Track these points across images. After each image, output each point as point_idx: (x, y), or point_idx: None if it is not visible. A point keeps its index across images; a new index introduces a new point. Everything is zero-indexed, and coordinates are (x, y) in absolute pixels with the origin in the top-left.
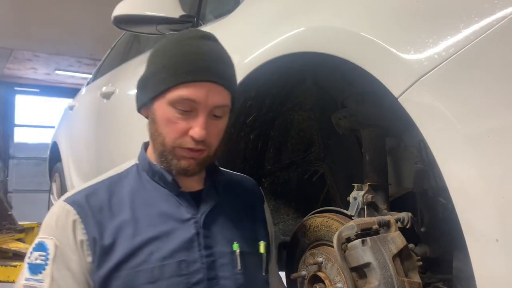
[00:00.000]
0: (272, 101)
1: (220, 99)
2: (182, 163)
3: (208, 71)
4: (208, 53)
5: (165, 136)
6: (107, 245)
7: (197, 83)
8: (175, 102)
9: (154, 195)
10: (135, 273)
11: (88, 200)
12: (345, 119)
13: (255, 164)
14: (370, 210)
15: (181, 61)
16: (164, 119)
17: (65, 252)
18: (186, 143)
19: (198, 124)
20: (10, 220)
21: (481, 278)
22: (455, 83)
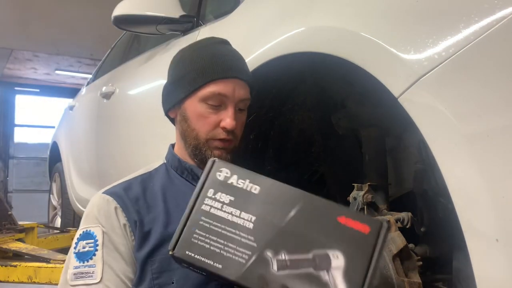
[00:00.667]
0: (272, 101)
1: (244, 93)
2: (215, 153)
3: (232, 68)
4: (229, 54)
5: (198, 130)
6: (145, 232)
7: (225, 80)
8: (207, 98)
9: (183, 190)
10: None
11: (126, 192)
12: (345, 119)
13: (255, 164)
14: (370, 210)
15: (208, 63)
16: (196, 115)
17: (112, 237)
18: (218, 134)
19: (228, 115)
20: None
21: (481, 278)
22: (455, 83)
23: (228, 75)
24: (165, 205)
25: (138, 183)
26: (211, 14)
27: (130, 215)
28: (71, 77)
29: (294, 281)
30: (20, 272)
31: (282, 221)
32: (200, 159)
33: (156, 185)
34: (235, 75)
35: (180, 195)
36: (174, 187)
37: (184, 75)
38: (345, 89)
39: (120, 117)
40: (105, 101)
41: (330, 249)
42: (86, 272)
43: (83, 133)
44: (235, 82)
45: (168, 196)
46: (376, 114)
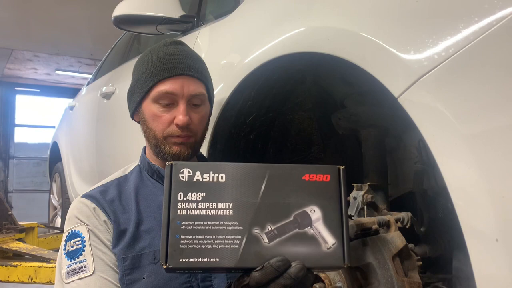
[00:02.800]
0: (272, 101)
1: (194, 88)
2: (174, 149)
3: (178, 66)
4: (176, 53)
5: (155, 130)
6: (121, 230)
7: (172, 78)
8: (157, 98)
9: (153, 191)
10: (140, 256)
11: (102, 195)
12: (345, 119)
13: None
14: (370, 210)
15: (156, 64)
16: (151, 115)
17: (96, 232)
18: (173, 131)
19: (179, 112)
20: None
21: (481, 278)
22: (455, 83)
23: (174, 73)
24: (137, 206)
25: (114, 187)
26: (211, 14)
27: (107, 214)
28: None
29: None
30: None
31: (256, 197)
32: (162, 157)
33: (130, 188)
34: (180, 72)
35: (151, 196)
36: (146, 189)
37: (138, 79)
38: (345, 89)
39: (120, 117)
40: (105, 101)
41: (305, 206)
42: (78, 267)
43: (83, 133)
44: (183, 79)
45: (140, 197)
46: (376, 114)
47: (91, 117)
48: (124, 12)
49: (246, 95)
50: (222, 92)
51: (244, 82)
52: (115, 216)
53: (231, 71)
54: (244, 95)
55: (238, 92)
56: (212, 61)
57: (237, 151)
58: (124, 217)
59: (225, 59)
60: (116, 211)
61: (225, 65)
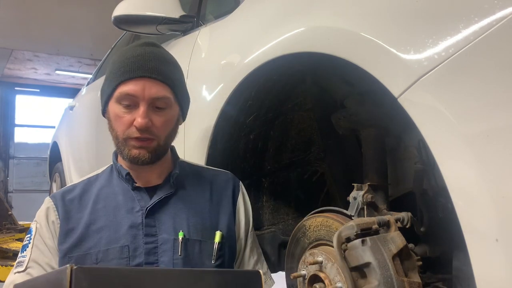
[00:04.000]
0: (272, 101)
1: (156, 91)
2: (132, 152)
3: (141, 68)
4: (142, 55)
5: (116, 130)
6: (69, 229)
7: (133, 80)
8: (119, 99)
9: (116, 190)
10: (84, 256)
11: (63, 195)
12: (345, 119)
13: (255, 164)
14: (370, 210)
15: (121, 65)
16: (114, 116)
17: (41, 232)
18: (132, 133)
19: (138, 114)
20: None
21: (481, 278)
22: (455, 83)
23: (135, 75)
24: (94, 206)
25: (81, 186)
26: (211, 14)
27: (58, 214)
28: (71, 77)
29: None
30: None
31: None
32: (122, 157)
33: (95, 187)
34: (142, 74)
35: (111, 196)
36: (109, 188)
37: (106, 78)
38: (345, 89)
39: None
40: None
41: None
42: (20, 261)
43: (83, 133)
44: (144, 81)
45: (101, 197)
46: (376, 114)
47: (91, 117)
48: (124, 12)
49: (246, 95)
50: (222, 92)
51: (244, 82)
52: (66, 215)
53: (231, 71)
54: (244, 95)
55: (238, 92)
56: (212, 61)
57: (237, 151)
58: (77, 216)
59: (225, 59)
60: (71, 210)
61: (225, 65)
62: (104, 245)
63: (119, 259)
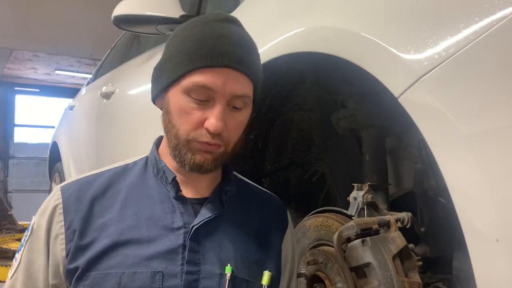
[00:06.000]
0: (272, 101)
1: (239, 88)
2: (196, 158)
3: (226, 55)
4: (228, 36)
5: (179, 128)
6: (86, 241)
7: (214, 69)
8: (190, 90)
9: (152, 194)
10: (104, 276)
11: (81, 189)
12: (345, 119)
13: (255, 164)
14: (370, 210)
15: (198, 45)
16: (178, 109)
17: (37, 236)
18: (201, 136)
19: (214, 114)
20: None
21: (481, 278)
22: (455, 83)
23: (218, 63)
24: (122, 210)
25: (105, 178)
26: None
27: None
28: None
29: None
30: None
31: None
32: (180, 162)
33: (124, 183)
34: (228, 64)
35: (145, 199)
36: (143, 188)
37: (171, 57)
38: (345, 89)
39: (120, 117)
40: (105, 101)
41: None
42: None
43: (83, 133)
44: (228, 73)
45: (131, 198)
46: (376, 114)
47: (91, 117)
48: (124, 12)
49: None
50: None
51: None
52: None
53: None
54: None
55: None
56: None
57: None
58: (98, 223)
59: None
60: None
61: None
62: (130, 266)
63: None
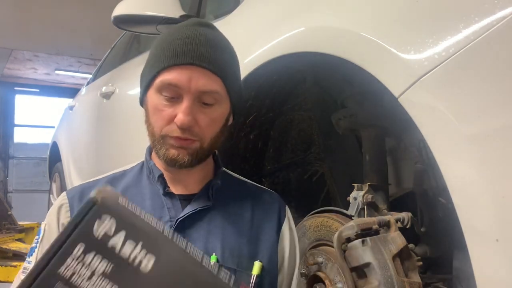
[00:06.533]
0: (272, 101)
1: (204, 83)
2: (170, 152)
3: (190, 53)
4: (193, 37)
5: (154, 125)
6: None
7: (179, 67)
8: (160, 89)
9: (144, 192)
10: None
11: (83, 192)
12: (345, 119)
13: (255, 164)
14: (370, 210)
15: (166, 47)
16: (152, 108)
17: (50, 234)
18: (172, 131)
19: (181, 110)
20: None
21: (481, 278)
22: (455, 83)
23: (181, 61)
24: None
25: (104, 182)
26: (211, 14)
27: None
28: (71, 77)
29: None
30: None
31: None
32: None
33: (121, 185)
34: (189, 61)
35: (137, 198)
36: (137, 188)
37: (148, 61)
38: (345, 89)
39: (120, 117)
40: (105, 101)
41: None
42: (26, 267)
43: (83, 133)
44: (192, 70)
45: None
46: (376, 114)
47: (90, 117)
48: (124, 12)
49: (246, 95)
50: None
51: (244, 82)
52: None
53: None
54: (244, 95)
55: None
56: None
57: (237, 151)
58: None
59: None
60: None
61: None
62: None
63: None
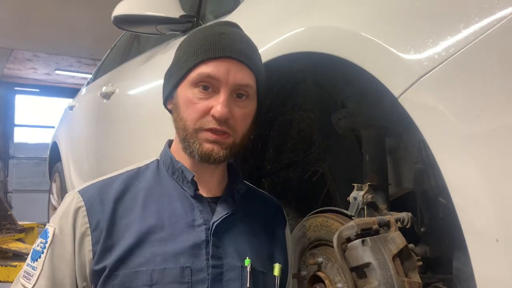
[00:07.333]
0: (272, 101)
1: (241, 77)
2: (204, 147)
3: (227, 47)
4: (229, 33)
5: (186, 119)
6: (112, 241)
7: (217, 60)
8: (196, 81)
9: (170, 193)
10: (134, 274)
11: (100, 192)
12: (345, 119)
13: (255, 164)
14: (370, 210)
15: (201, 42)
16: (186, 101)
17: (61, 241)
18: (207, 122)
19: (219, 101)
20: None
21: (481, 278)
22: (455, 83)
23: (220, 54)
24: (144, 210)
25: (121, 181)
26: (211, 14)
27: (94, 220)
28: (71, 77)
29: None
30: None
31: None
32: (190, 154)
33: (140, 185)
34: (228, 55)
35: (165, 199)
36: (161, 189)
37: (178, 59)
38: (345, 89)
39: (120, 117)
40: (105, 101)
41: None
42: (29, 272)
43: (83, 133)
44: (230, 63)
45: (150, 199)
46: (376, 114)
47: (90, 117)
48: (124, 12)
49: None
50: None
51: None
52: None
53: None
54: None
55: None
56: None
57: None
58: (122, 223)
59: None
60: (116, 216)
61: None
62: (160, 263)
63: (179, 283)
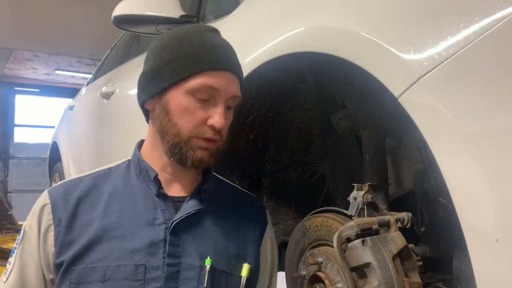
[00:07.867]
0: (272, 101)
1: (236, 89)
2: (198, 154)
3: (227, 61)
4: (223, 44)
5: (181, 127)
6: (72, 237)
7: (218, 72)
8: (195, 91)
9: (135, 192)
10: (90, 269)
11: (66, 191)
12: (345, 119)
13: (255, 164)
14: (370, 210)
15: (200, 50)
16: (181, 109)
17: (29, 237)
18: (204, 132)
19: (218, 113)
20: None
21: (481, 278)
22: (455, 83)
23: (223, 67)
24: (106, 208)
25: (89, 180)
26: (211, 14)
27: (57, 217)
28: (71, 77)
29: None
30: None
31: None
32: (179, 159)
33: (108, 184)
34: (229, 68)
35: (128, 197)
36: (126, 189)
37: (169, 62)
38: (345, 89)
39: (120, 117)
40: (105, 101)
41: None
42: (7, 268)
43: (83, 133)
44: (228, 76)
45: (114, 197)
46: (376, 114)
47: (91, 117)
48: (124, 12)
49: (246, 95)
50: None
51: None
52: (70, 219)
53: None
54: (244, 95)
55: None
56: None
57: (237, 151)
58: (84, 219)
59: None
60: (77, 212)
61: None
62: (115, 260)
63: (132, 280)
